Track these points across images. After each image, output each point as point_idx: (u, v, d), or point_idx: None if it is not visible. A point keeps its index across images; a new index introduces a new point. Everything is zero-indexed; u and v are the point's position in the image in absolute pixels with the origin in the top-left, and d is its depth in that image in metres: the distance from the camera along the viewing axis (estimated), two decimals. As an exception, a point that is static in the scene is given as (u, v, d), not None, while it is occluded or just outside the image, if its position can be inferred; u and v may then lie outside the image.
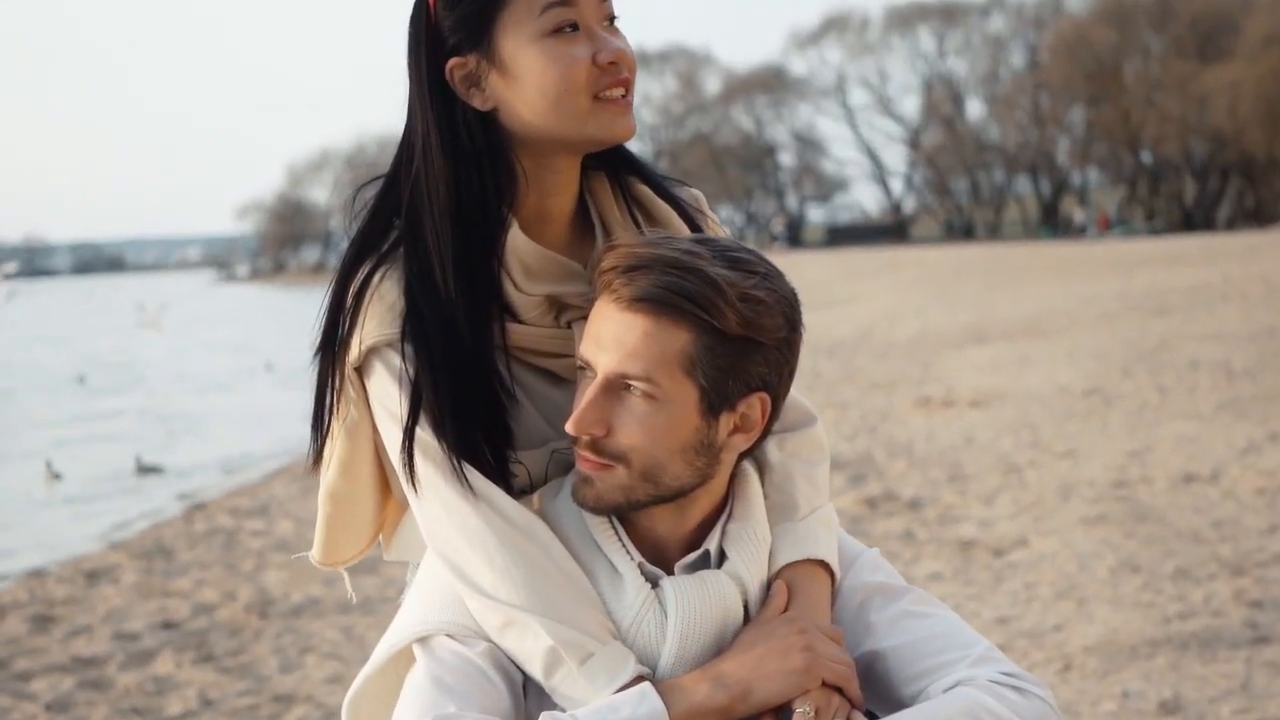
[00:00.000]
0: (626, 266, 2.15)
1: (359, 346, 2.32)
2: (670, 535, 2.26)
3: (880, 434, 12.90)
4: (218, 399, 26.64)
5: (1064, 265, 36.77)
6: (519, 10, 2.25)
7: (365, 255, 2.37)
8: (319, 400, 2.40)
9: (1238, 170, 71.77)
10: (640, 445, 2.16)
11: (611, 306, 2.17)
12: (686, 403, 2.16)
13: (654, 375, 2.14)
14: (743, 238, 2.44)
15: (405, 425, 2.27)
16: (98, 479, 16.84)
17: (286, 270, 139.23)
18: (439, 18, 2.31)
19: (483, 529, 2.23)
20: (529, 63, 2.25)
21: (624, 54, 2.30)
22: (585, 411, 2.17)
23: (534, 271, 2.33)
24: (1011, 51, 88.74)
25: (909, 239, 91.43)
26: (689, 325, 2.13)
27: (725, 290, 2.12)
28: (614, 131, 2.31)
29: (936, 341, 21.30)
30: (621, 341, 2.15)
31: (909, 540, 8.64)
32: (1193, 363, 14.88)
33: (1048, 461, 10.67)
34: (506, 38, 2.26)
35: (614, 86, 2.29)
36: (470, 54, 2.29)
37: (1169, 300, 22.45)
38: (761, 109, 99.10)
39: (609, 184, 2.47)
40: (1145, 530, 8.25)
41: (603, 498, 2.20)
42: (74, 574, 10.36)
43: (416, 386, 2.27)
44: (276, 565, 9.93)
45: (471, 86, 2.31)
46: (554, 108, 2.26)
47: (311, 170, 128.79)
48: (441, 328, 2.27)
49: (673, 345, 2.14)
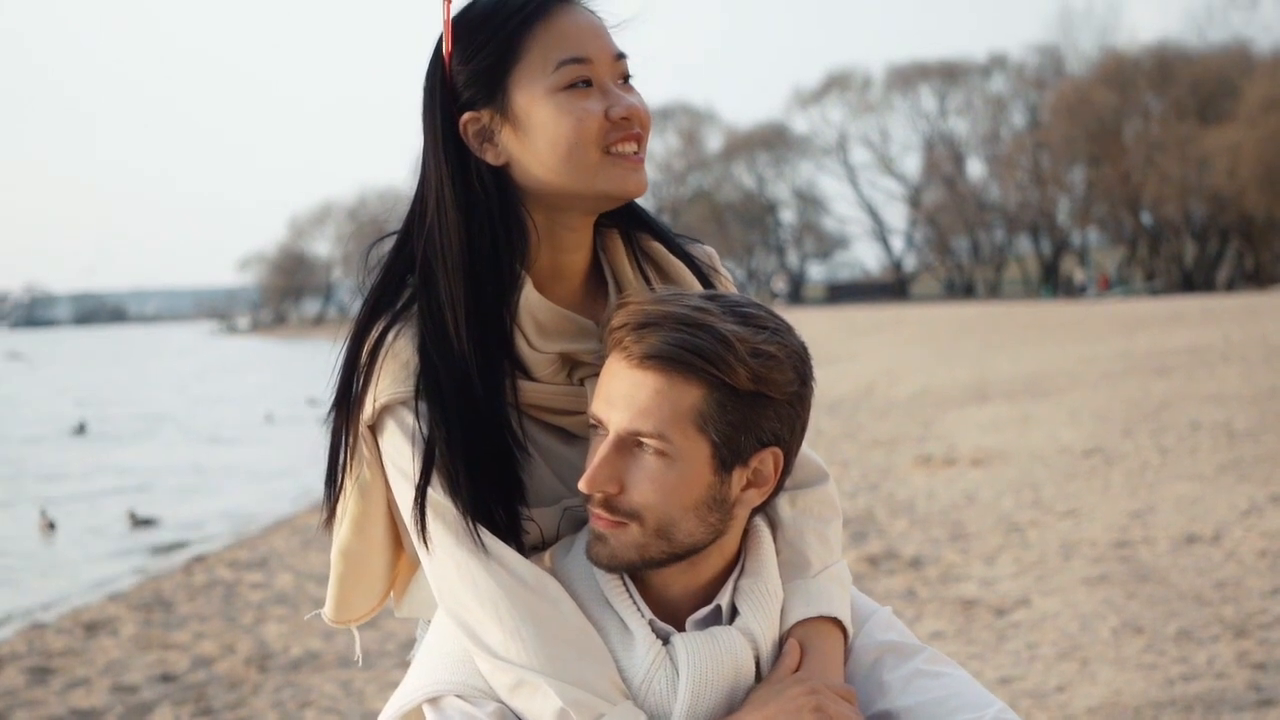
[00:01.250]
0: (637, 324, 2.15)
1: (373, 404, 2.31)
2: (682, 591, 2.26)
3: (881, 492, 12.88)
4: (218, 451, 26.58)
5: (1064, 325, 36.79)
6: (533, 65, 2.26)
7: (379, 313, 2.36)
8: (333, 458, 2.40)
9: (1237, 232, 71.92)
10: (653, 502, 2.15)
11: (622, 364, 2.17)
12: (699, 459, 2.16)
13: (666, 432, 2.14)
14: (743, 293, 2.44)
15: (417, 484, 2.27)
16: (93, 530, 16.82)
17: (287, 322, 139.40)
18: (453, 72, 2.31)
19: (493, 588, 2.22)
20: (542, 116, 2.26)
21: (637, 110, 2.30)
22: (598, 469, 2.16)
23: (547, 329, 2.33)
24: (1012, 111, 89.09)
25: (909, 297, 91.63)
26: (700, 381, 2.13)
27: (735, 346, 2.12)
28: (625, 187, 2.31)
29: (938, 399, 21.28)
30: (633, 399, 2.15)
31: (911, 599, 8.62)
32: (1194, 423, 14.86)
33: (1049, 521, 10.64)
34: (520, 92, 2.27)
35: (625, 141, 2.29)
36: (484, 108, 2.30)
37: (1170, 361, 22.43)
38: (763, 166, 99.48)
39: (621, 241, 2.47)
40: (1148, 591, 8.22)
41: (616, 556, 2.19)
42: (73, 625, 10.33)
43: (430, 445, 2.26)
44: (276, 618, 9.89)
45: (484, 141, 2.31)
46: (565, 161, 2.26)
47: (313, 223, 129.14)
48: (456, 384, 2.27)
49: (684, 402, 2.13)
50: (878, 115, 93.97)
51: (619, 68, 2.32)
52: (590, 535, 2.22)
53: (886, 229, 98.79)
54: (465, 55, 2.30)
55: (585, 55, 2.28)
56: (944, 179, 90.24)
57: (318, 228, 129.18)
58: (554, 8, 2.30)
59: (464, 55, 2.30)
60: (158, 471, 23.29)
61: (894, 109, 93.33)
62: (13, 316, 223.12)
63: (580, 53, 2.27)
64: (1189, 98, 70.14)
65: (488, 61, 2.28)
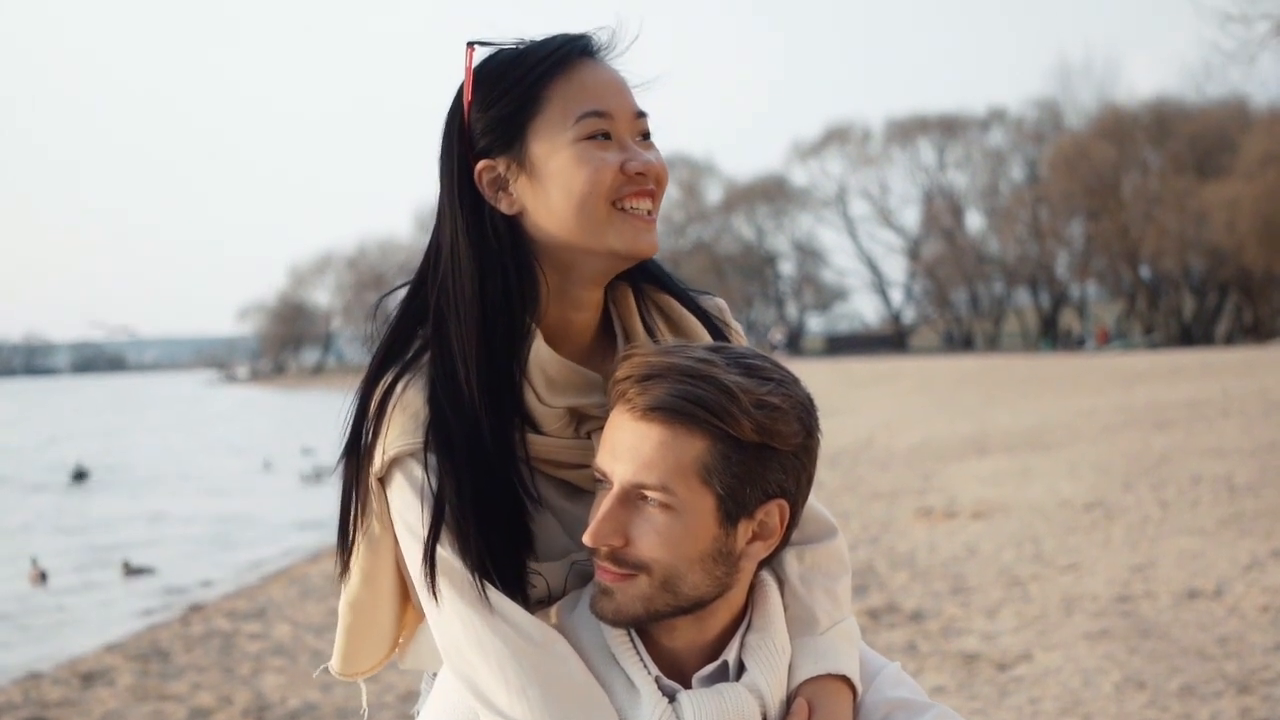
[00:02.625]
0: (640, 376, 2.14)
1: (382, 456, 2.30)
2: (689, 647, 2.24)
3: (882, 544, 12.85)
4: (216, 500, 26.53)
5: (1064, 378, 36.78)
6: (553, 115, 2.26)
7: (389, 364, 2.35)
8: (345, 511, 2.38)
9: (1236, 286, 72.02)
10: (659, 555, 2.14)
11: (626, 416, 2.16)
12: (704, 511, 2.14)
13: (670, 485, 2.12)
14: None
15: (425, 539, 2.25)
16: (87, 579, 16.78)
17: (286, 372, 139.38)
18: (472, 119, 2.31)
19: (499, 646, 2.20)
20: (558, 164, 2.25)
21: (654, 166, 2.30)
22: (602, 523, 2.15)
23: (557, 383, 2.32)
24: (1011, 165, 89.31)
25: (908, 349, 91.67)
26: (704, 433, 2.12)
27: (739, 397, 2.11)
28: (636, 246, 2.29)
29: (937, 452, 21.26)
30: (636, 451, 2.13)
31: (912, 652, 8.58)
32: (1194, 477, 14.83)
33: (1051, 575, 10.61)
34: (538, 141, 2.27)
35: (638, 197, 2.28)
36: (500, 156, 2.30)
37: (1169, 414, 22.42)
38: (762, 218, 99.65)
39: (632, 294, 2.47)
40: (1150, 646, 8.19)
41: (622, 610, 2.17)
42: (69, 675, 10.28)
43: (439, 500, 2.25)
44: (274, 669, 9.85)
45: (498, 190, 2.31)
46: (577, 212, 2.25)
47: (313, 272, 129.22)
48: (466, 435, 2.25)
49: (688, 454, 2.12)
50: (877, 168, 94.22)
51: (639, 125, 2.32)
52: (595, 590, 2.21)
53: (885, 281, 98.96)
54: (485, 103, 2.30)
55: (606, 109, 2.28)
56: (943, 232, 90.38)
57: (317, 277, 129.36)
58: (577, 61, 2.30)
59: (484, 103, 2.30)
60: (155, 520, 23.24)
61: (893, 162, 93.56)
62: (11, 364, 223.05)
63: (601, 106, 2.27)
64: (1187, 152, 70.31)
65: (508, 109, 2.28)
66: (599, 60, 2.33)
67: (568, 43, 2.31)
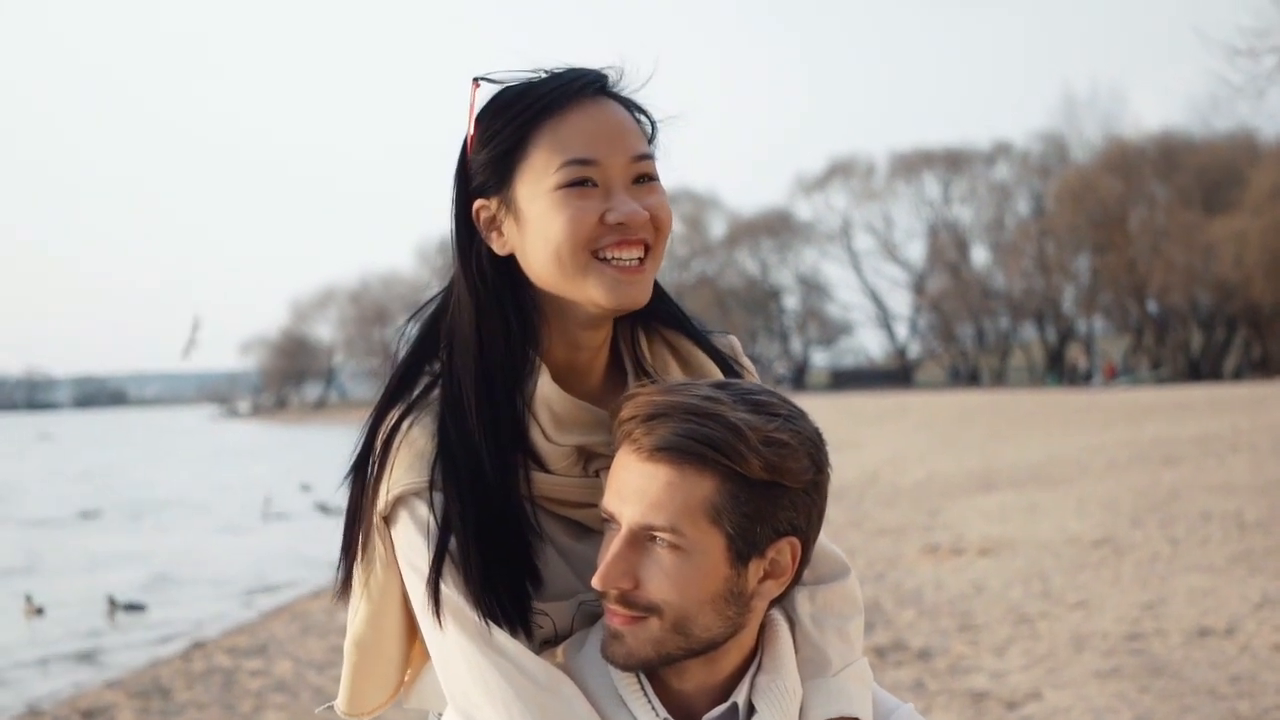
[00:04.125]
0: (646, 415, 2.11)
1: (386, 495, 2.26)
2: (698, 688, 2.20)
3: (888, 581, 12.77)
4: (219, 537, 26.51)
5: (1070, 413, 36.73)
6: (538, 160, 2.21)
7: (396, 400, 2.32)
8: (347, 539, 2.35)
9: (1244, 320, 71.93)
10: (669, 597, 2.10)
11: (632, 457, 2.12)
12: (714, 551, 2.10)
13: (679, 525, 2.08)
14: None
15: (429, 578, 2.21)
16: (84, 615, 16.74)
17: (288, 406, 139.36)
18: (472, 157, 2.28)
19: (504, 688, 2.16)
20: (537, 210, 2.21)
21: (637, 216, 2.22)
22: (611, 565, 2.11)
23: (564, 421, 2.28)
24: (1017, 199, 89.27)
25: (913, 384, 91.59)
26: (712, 473, 2.08)
27: (747, 435, 2.07)
28: (620, 299, 2.23)
29: (943, 488, 21.19)
30: (644, 492, 2.09)
31: (919, 691, 8.50)
32: (1204, 514, 14.76)
33: (1059, 612, 10.53)
34: (523, 185, 2.22)
35: (621, 247, 2.21)
36: (493, 196, 2.26)
37: (1178, 450, 22.35)
38: (767, 252, 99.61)
39: (642, 331, 2.42)
40: (1161, 685, 8.10)
41: (634, 653, 2.13)
42: (70, 713, 10.21)
43: (443, 539, 2.21)
44: (275, 706, 9.77)
45: (492, 230, 2.28)
46: (554, 261, 2.21)
47: (315, 306, 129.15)
48: (470, 467, 2.22)
49: (696, 494, 2.08)
50: (881, 202, 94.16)
51: (635, 168, 2.25)
52: (605, 633, 2.16)
53: (890, 315, 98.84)
54: (482, 141, 2.27)
55: (592, 157, 2.21)
56: (948, 266, 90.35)
57: (319, 311, 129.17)
58: (572, 103, 2.23)
59: (481, 140, 2.27)
60: (159, 556, 23.20)
61: (898, 196, 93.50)
62: (13, 399, 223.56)
63: (587, 154, 2.20)
64: (1194, 186, 70.31)
65: (499, 150, 2.24)
66: (601, 100, 2.26)
67: (571, 80, 2.26)
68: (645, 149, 2.27)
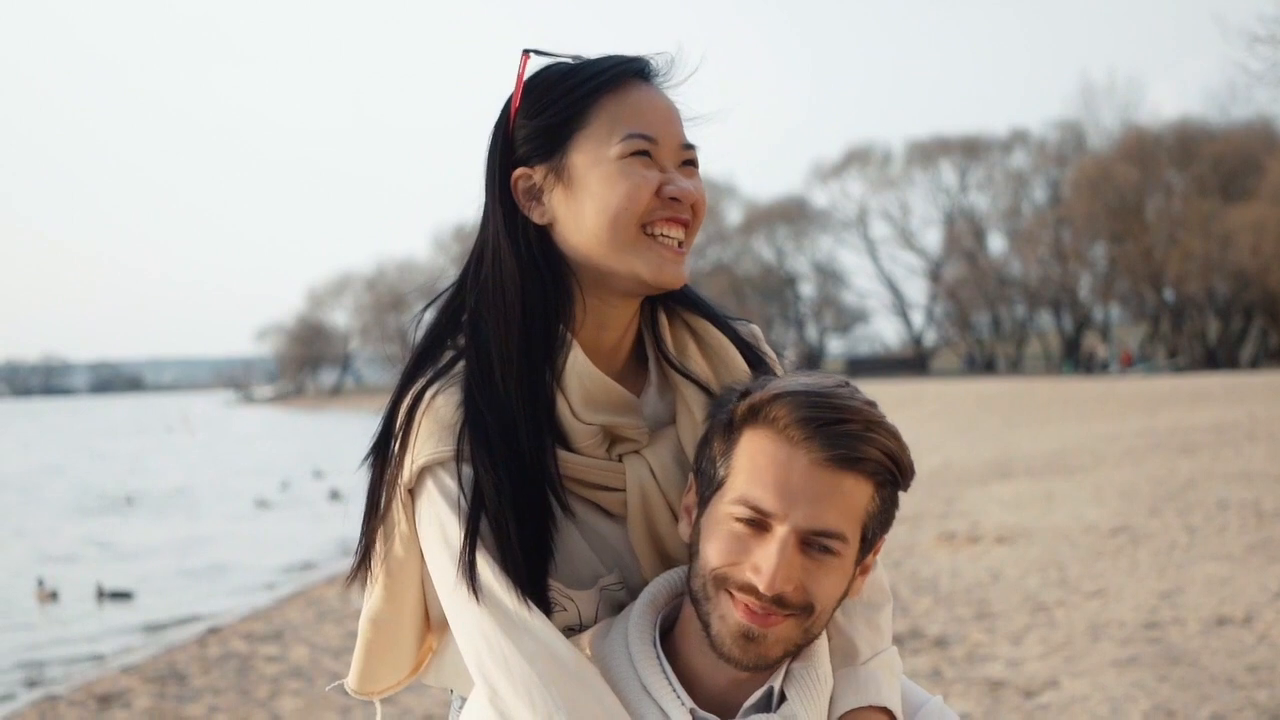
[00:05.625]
0: (820, 420, 2.09)
1: (411, 466, 2.23)
2: (732, 676, 2.16)
3: (905, 569, 12.74)
4: (233, 524, 26.56)
5: (1087, 401, 36.66)
6: (600, 129, 2.22)
7: (419, 372, 2.30)
8: (368, 516, 2.32)
9: (1261, 309, 71.74)
10: (822, 600, 2.12)
11: (802, 459, 2.09)
12: (852, 555, 2.14)
13: (845, 532, 2.11)
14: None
15: (462, 553, 2.18)
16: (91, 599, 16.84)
17: (304, 392, 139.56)
18: (516, 127, 2.28)
19: (526, 670, 2.13)
20: (598, 176, 2.21)
21: (691, 194, 2.25)
22: (782, 568, 2.07)
23: (594, 398, 2.26)
24: (1034, 187, 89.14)
25: (929, 372, 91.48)
26: (873, 482, 2.12)
27: (901, 443, 2.14)
28: (662, 275, 2.24)
29: (960, 476, 21.15)
30: (819, 498, 2.09)
31: (936, 679, 8.48)
32: (1221, 503, 14.71)
33: (1076, 601, 10.50)
34: (580, 153, 2.23)
35: (670, 224, 2.23)
36: (538, 165, 2.26)
37: (1195, 439, 22.29)
38: (783, 240, 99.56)
39: (664, 315, 2.41)
40: (1179, 674, 8.07)
41: (766, 655, 2.12)
42: (85, 697, 10.22)
43: (474, 507, 2.18)
44: (291, 692, 9.77)
45: (532, 199, 2.27)
46: (608, 229, 2.21)
47: (331, 293, 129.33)
48: (502, 437, 2.20)
49: (860, 502, 2.12)
50: (898, 190, 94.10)
51: (684, 153, 2.28)
52: (733, 636, 2.11)
53: (906, 303, 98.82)
54: (531, 111, 2.27)
55: (653, 134, 2.24)
56: (965, 254, 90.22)
57: (335, 298, 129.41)
58: (629, 81, 2.27)
59: (530, 111, 2.27)
60: (173, 545, 23.26)
61: (914, 183, 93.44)
62: (29, 384, 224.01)
63: (649, 130, 2.24)
64: (1212, 174, 70.15)
65: (554, 120, 2.24)
66: (653, 85, 2.30)
67: (624, 63, 2.29)
68: (690, 138, 2.30)
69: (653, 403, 2.36)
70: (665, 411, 2.36)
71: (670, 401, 2.37)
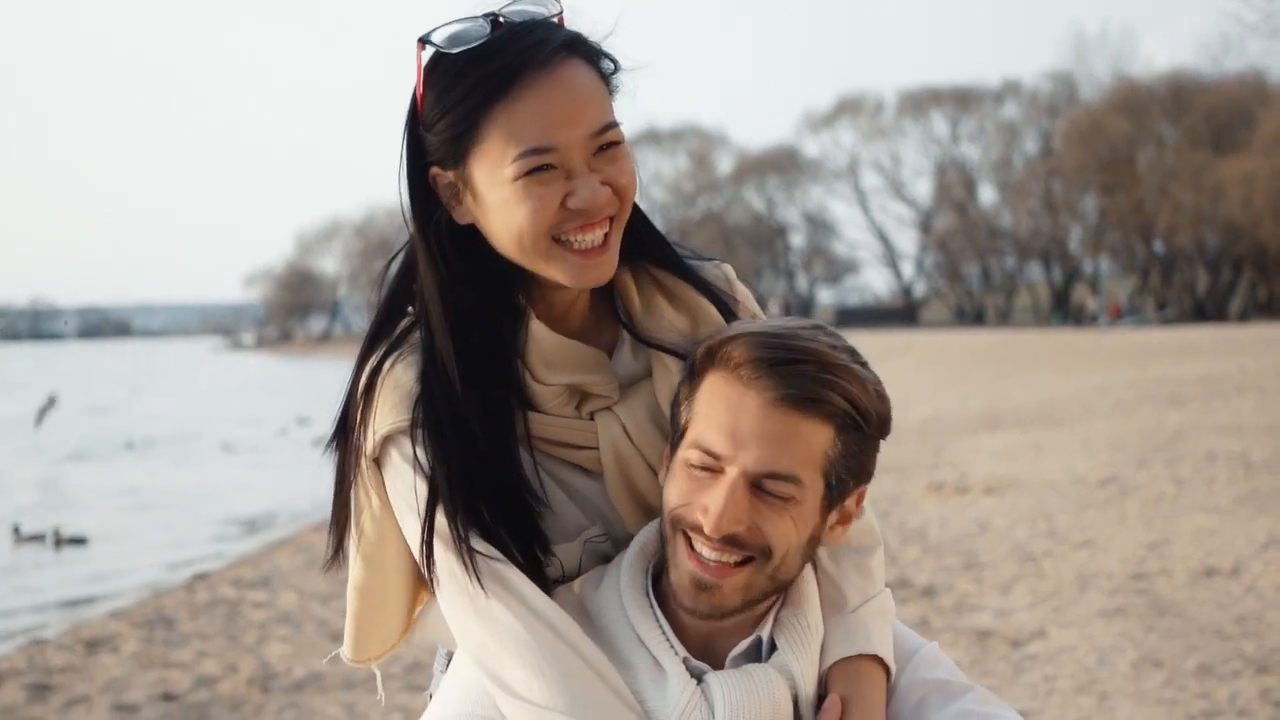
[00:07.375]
0: (771, 359, 2.07)
1: (373, 436, 2.22)
2: (719, 624, 2.16)
3: (893, 519, 12.75)
4: (224, 471, 26.59)
5: (1076, 353, 36.67)
6: (494, 147, 2.12)
7: (377, 343, 2.29)
8: (337, 493, 2.31)
9: (1251, 262, 71.75)
10: (778, 542, 2.09)
11: (753, 400, 2.08)
12: (815, 499, 2.12)
13: (798, 473, 2.08)
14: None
15: (423, 517, 2.18)
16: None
17: (293, 339, 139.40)
18: (424, 125, 2.19)
19: (512, 625, 2.13)
20: (496, 198, 2.14)
21: (597, 200, 2.15)
22: (727, 509, 2.07)
23: (554, 361, 2.24)
24: (1025, 138, 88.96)
25: (919, 323, 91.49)
26: (832, 424, 2.09)
27: (870, 389, 2.11)
28: (583, 280, 2.19)
29: (949, 427, 21.17)
30: (767, 438, 2.07)
31: (924, 628, 8.49)
32: (1210, 455, 14.72)
33: (1065, 551, 10.52)
34: (479, 170, 2.15)
35: (582, 230, 2.15)
36: (450, 170, 2.19)
37: (1184, 391, 22.31)
38: (773, 189, 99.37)
39: (631, 276, 2.36)
40: (1166, 624, 8.10)
41: (723, 604, 2.11)
42: (73, 642, 10.22)
43: (433, 476, 2.17)
44: (279, 638, 9.78)
45: (452, 199, 2.21)
46: (515, 245, 2.16)
47: (321, 240, 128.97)
48: (450, 409, 2.18)
49: (816, 444, 2.09)
50: (889, 140, 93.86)
51: (598, 139, 2.15)
52: (686, 585, 2.12)
53: (897, 254, 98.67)
54: (432, 115, 2.18)
55: (549, 144, 2.11)
56: (955, 205, 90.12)
57: (325, 245, 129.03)
58: (522, 80, 2.11)
59: (431, 113, 2.18)
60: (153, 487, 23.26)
61: (906, 134, 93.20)
62: (17, 329, 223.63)
63: (543, 141, 2.11)
64: (1203, 126, 70.01)
65: (452, 132, 2.15)
66: (556, 69, 2.14)
67: (525, 46, 2.13)
68: (606, 117, 2.17)
69: (626, 359, 2.33)
70: (641, 367, 2.33)
71: (646, 356, 2.33)
